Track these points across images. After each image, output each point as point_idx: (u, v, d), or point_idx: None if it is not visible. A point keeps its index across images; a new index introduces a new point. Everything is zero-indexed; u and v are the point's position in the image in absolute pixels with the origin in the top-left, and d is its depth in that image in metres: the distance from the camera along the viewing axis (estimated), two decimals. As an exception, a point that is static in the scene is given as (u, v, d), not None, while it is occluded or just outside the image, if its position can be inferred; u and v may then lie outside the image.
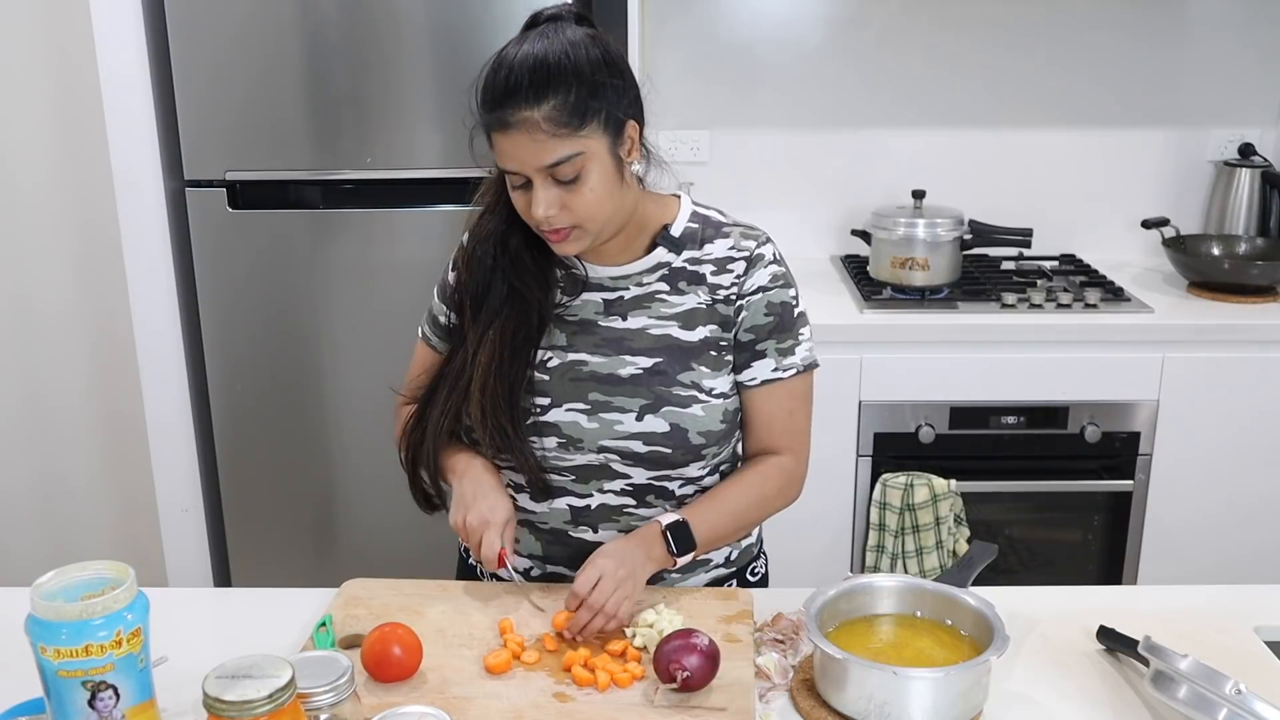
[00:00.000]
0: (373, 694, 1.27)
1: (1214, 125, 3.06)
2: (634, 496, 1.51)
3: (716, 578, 1.60)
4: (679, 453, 1.48)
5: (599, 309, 1.51)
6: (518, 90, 1.34)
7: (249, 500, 2.70)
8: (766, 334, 1.51)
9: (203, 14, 2.41)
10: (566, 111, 1.34)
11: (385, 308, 2.54)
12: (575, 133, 1.35)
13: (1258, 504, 2.67)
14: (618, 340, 1.50)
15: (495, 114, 1.36)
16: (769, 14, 2.99)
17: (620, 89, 1.39)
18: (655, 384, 1.48)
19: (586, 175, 1.37)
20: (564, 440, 1.49)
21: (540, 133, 1.34)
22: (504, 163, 1.39)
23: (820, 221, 3.11)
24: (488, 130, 1.38)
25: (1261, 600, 1.53)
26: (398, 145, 2.48)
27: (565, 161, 1.35)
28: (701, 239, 1.52)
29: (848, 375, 2.57)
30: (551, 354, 1.51)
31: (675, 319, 1.50)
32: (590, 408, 1.48)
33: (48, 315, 2.95)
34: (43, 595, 1.09)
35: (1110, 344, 2.60)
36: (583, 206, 1.38)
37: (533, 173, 1.36)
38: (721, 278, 1.51)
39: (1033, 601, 1.50)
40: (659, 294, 1.51)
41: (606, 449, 1.48)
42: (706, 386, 1.49)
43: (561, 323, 1.52)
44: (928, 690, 1.21)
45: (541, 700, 1.27)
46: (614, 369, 1.49)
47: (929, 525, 2.58)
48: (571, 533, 1.54)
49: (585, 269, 1.51)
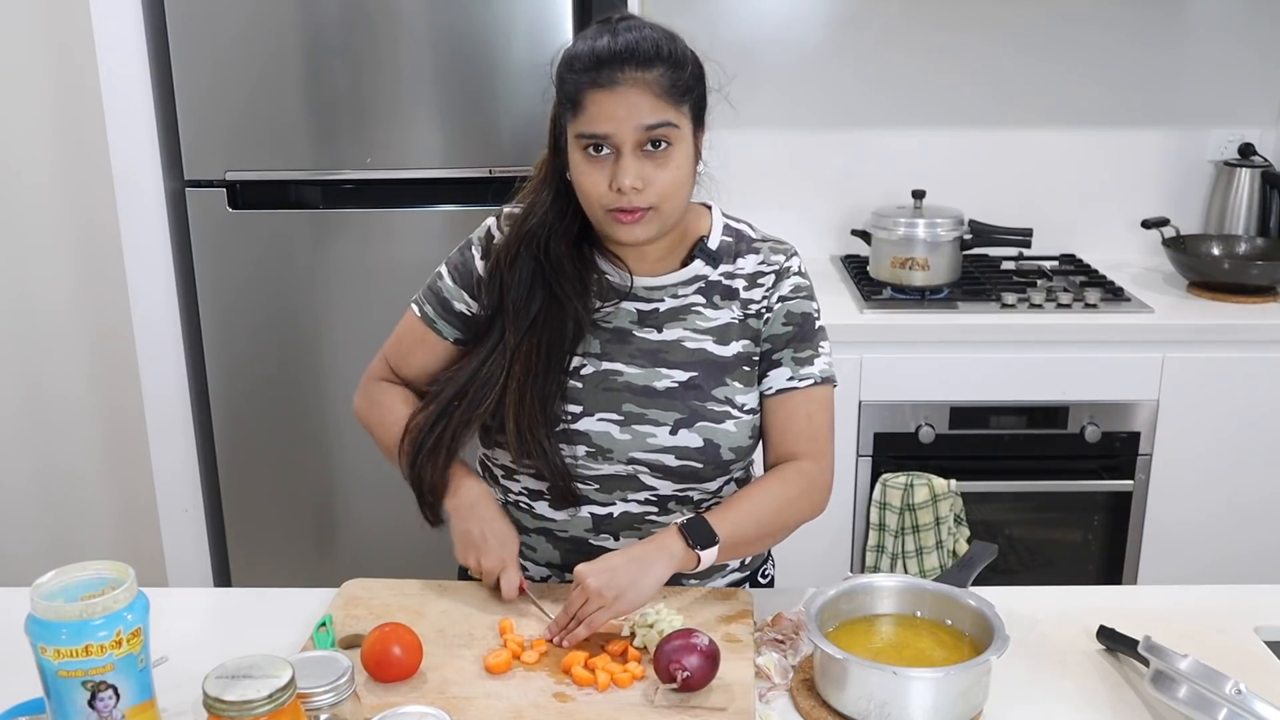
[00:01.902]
0: (373, 694, 1.27)
1: (1214, 125, 3.06)
2: (657, 506, 1.50)
3: (732, 582, 1.60)
4: (710, 468, 1.48)
5: (634, 319, 1.50)
6: (631, 53, 1.35)
7: (249, 500, 2.70)
8: (784, 343, 1.51)
9: (203, 14, 2.41)
10: (673, 82, 1.37)
11: (385, 308, 2.52)
12: (676, 106, 1.37)
13: (1258, 504, 2.68)
14: (653, 352, 1.49)
15: (604, 72, 1.35)
16: (769, 14, 2.99)
17: (705, 89, 1.43)
18: (690, 398, 1.47)
19: (674, 153, 1.38)
20: (594, 450, 1.47)
21: (650, 93, 1.35)
22: (598, 125, 1.36)
23: (820, 221, 3.11)
24: (582, 92, 1.36)
25: (1261, 600, 1.53)
26: (398, 145, 2.48)
27: (663, 126, 1.36)
28: (735, 253, 1.52)
29: (848, 375, 2.57)
30: (585, 361, 1.49)
31: (710, 333, 1.49)
32: (624, 419, 1.47)
33: (48, 315, 2.95)
34: (43, 595, 1.09)
35: (1110, 344, 2.60)
36: (665, 184, 1.38)
37: (628, 134, 1.35)
38: (753, 293, 1.51)
39: (1033, 601, 1.50)
40: (695, 307, 1.50)
41: (637, 461, 1.47)
42: (739, 402, 1.49)
43: (596, 329, 1.50)
44: (928, 690, 1.21)
45: (542, 700, 1.27)
46: (649, 381, 1.47)
47: (929, 525, 2.58)
48: (592, 541, 1.52)
49: (630, 276, 1.49)
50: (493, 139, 2.48)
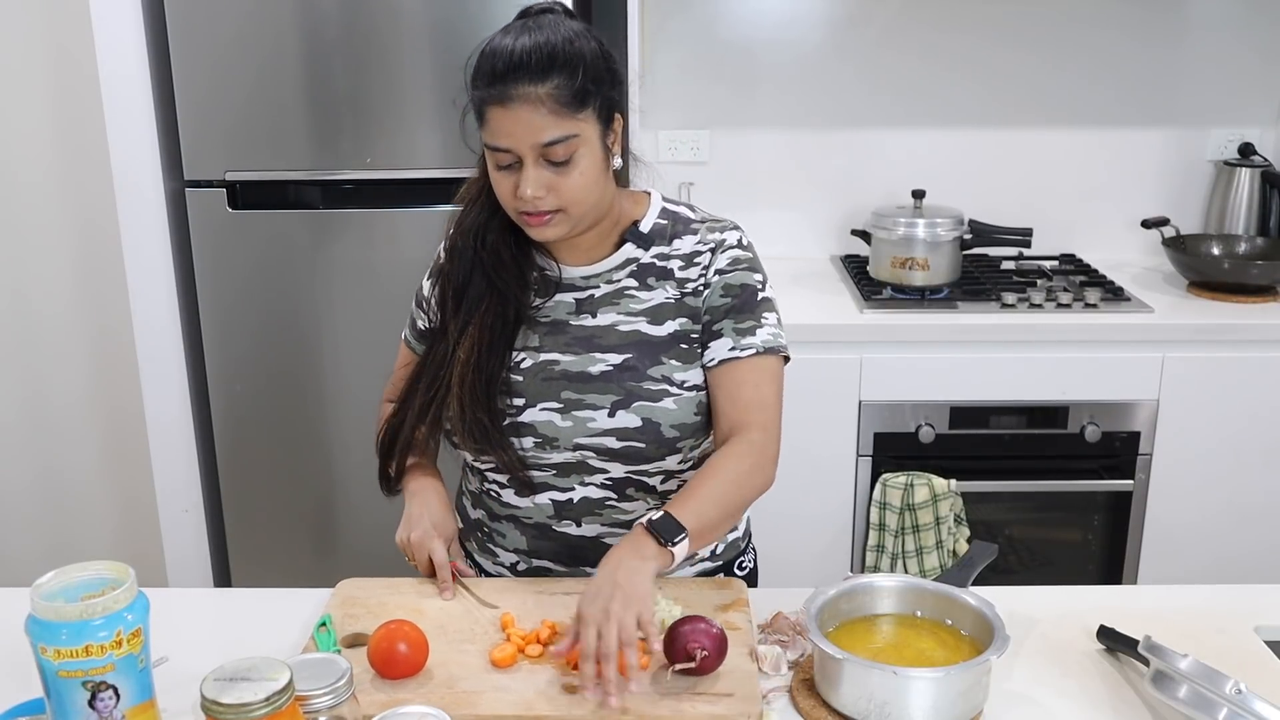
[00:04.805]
0: (381, 691, 1.27)
1: (1214, 125, 3.06)
2: (614, 490, 1.53)
3: (703, 570, 1.60)
4: (653, 447, 1.49)
5: (570, 309, 1.53)
6: (523, 67, 1.36)
7: (249, 500, 2.71)
8: (723, 314, 1.50)
9: (203, 14, 2.41)
10: (569, 93, 1.37)
11: (385, 308, 2.54)
12: (573, 115, 1.38)
13: (1258, 504, 2.67)
14: (588, 338, 1.51)
15: (497, 88, 1.37)
16: (769, 14, 2.99)
17: (613, 82, 1.43)
18: (625, 380, 1.49)
19: (578, 160, 1.39)
20: (540, 440, 1.51)
21: (542, 109, 1.36)
22: (498, 139, 1.39)
23: (820, 221, 3.11)
24: (483, 106, 1.39)
25: (1261, 600, 1.53)
26: (398, 145, 2.48)
27: (561, 142, 1.37)
28: (671, 235, 1.54)
29: (848, 375, 2.57)
30: (525, 355, 1.52)
31: (644, 314, 1.51)
32: (563, 406, 1.49)
33: (48, 315, 2.95)
34: (43, 595, 1.09)
35: (1110, 344, 2.60)
36: (570, 190, 1.40)
37: (526, 150, 1.37)
38: (689, 271, 1.52)
39: (1033, 601, 1.50)
40: (628, 290, 1.52)
41: (582, 446, 1.49)
42: (678, 379, 1.50)
43: (534, 324, 1.53)
44: (928, 690, 1.21)
45: (550, 692, 1.27)
46: (584, 367, 1.50)
47: (929, 525, 2.58)
48: (555, 527, 1.55)
49: (559, 269, 1.53)
50: (493, 139, 2.48)
